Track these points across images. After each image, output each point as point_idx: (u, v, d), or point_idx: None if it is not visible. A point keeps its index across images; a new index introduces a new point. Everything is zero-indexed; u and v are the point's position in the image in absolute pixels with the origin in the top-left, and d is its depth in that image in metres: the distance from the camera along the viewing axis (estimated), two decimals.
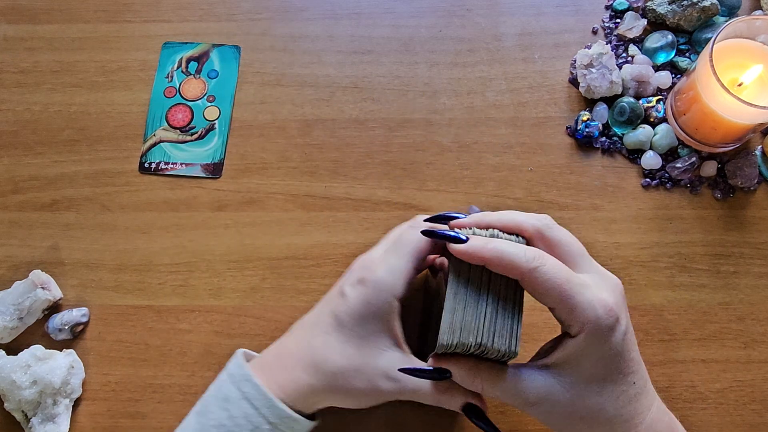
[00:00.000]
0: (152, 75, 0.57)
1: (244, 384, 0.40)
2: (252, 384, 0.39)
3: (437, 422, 0.48)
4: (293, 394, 0.40)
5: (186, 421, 0.41)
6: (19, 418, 0.47)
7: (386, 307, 0.40)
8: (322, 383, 0.40)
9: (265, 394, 0.39)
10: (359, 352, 0.40)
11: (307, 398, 0.41)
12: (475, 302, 0.38)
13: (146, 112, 0.56)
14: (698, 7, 0.54)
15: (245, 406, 0.39)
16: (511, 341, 0.38)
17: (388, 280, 0.40)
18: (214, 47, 0.58)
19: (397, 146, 0.55)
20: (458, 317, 0.38)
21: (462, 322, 0.38)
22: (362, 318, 0.40)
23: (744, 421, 0.48)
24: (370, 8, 0.59)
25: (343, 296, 0.41)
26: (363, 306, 0.40)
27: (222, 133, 0.55)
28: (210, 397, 0.41)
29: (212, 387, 0.42)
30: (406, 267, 0.41)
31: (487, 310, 0.38)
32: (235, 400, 0.39)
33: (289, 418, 0.39)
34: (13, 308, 0.48)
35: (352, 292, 0.40)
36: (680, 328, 0.50)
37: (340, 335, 0.40)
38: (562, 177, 0.54)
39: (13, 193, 0.54)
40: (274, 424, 0.39)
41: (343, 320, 0.40)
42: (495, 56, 0.57)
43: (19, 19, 0.60)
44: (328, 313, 0.41)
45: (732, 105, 0.46)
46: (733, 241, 0.52)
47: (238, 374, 0.40)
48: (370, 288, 0.40)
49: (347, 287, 0.41)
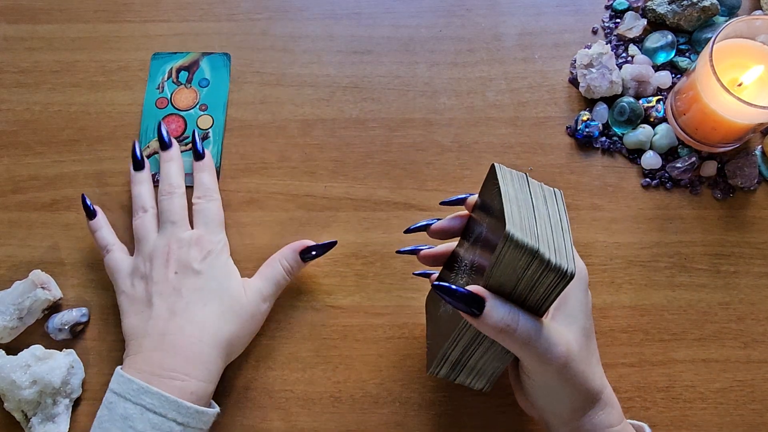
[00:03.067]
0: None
1: (141, 397, 0.41)
2: (151, 393, 0.41)
3: (437, 422, 0.48)
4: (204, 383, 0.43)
5: None
6: (18, 418, 0.47)
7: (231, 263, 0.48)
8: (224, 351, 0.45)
9: (168, 398, 0.41)
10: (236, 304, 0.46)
11: (217, 374, 0.45)
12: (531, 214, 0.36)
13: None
14: (698, 7, 0.54)
15: (150, 417, 0.40)
16: (569, 260, 0.35)
17: (224, 242, 0.49)
18: (203, 56, 0.58)
19: (397, 146, 0.55)
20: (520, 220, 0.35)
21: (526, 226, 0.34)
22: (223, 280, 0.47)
23: (744, 421, 0.48)
24: (370, 8, 0.59)
25: (198, 273, 0.46)
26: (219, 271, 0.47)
27: (216, 141, 0.55)
28: (105, 423, 0.41)
29: (102, 414, 0.42)
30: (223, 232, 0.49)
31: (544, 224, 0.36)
32: (136, 416, 0.40)
33: (196, 413, 0.42)
34: (13, 308, 0.48)
35: (204, 266, 0.46)
36: (680, 328, 0.50)
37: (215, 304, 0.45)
38: (562, 177, 0.54)
39: (13, 193, 0.54)
40: (184, 424, 0.41)
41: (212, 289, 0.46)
42: (495, 56, 0.57)
43: (19, 19, 0.60)
44: (192, 291, 0.45)
45: (732, 105, 0.46)
46: (733, 241, 0.52)
47: (129, 390, 0.41)
48: (214, 255, 0.47)
49: (197, 265, 0.46)
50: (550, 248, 0.35)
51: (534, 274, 0.35)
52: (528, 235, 0.34)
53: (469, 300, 0.36)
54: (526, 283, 0.36)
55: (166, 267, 0.46)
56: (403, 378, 0.49)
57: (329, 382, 0.49)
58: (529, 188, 0.39)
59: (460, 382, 0.44)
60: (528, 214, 0.36)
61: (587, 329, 0.40)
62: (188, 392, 0.42)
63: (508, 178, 0.38)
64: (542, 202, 0.38)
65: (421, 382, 0.49)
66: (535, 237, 0.35)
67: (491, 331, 0.36)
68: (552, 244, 0.35)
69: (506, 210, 0.35)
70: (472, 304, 0.36)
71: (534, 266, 0.35)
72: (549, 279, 0.35)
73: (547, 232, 0.36)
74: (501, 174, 0.39)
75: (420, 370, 0.49)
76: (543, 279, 0.35)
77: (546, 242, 0.35)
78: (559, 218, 0.38)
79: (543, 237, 0.35)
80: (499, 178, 0.38)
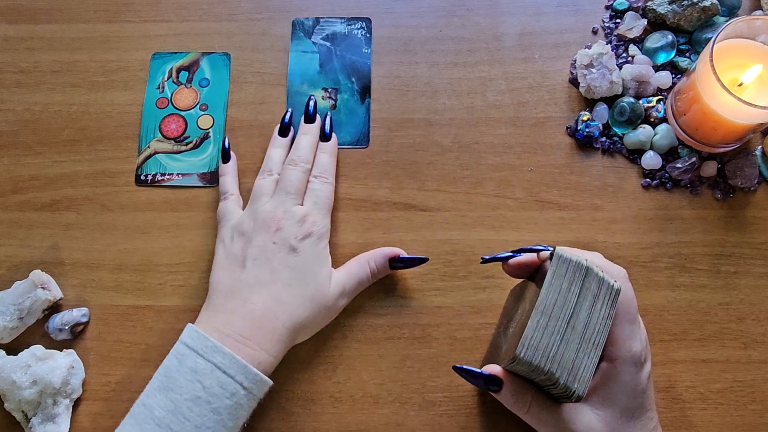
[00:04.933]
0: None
1: (213, 355, 0.42)
2: (224, 354, 0.42)
3: (437, 422, 0.48)
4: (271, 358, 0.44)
5: (152, 399, 0.41)
6: (19, 418, 0.47)
7: (327, 251, 0.49)
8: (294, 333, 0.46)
9: (239, 362, 0.42)
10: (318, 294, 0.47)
11: (282, 352, 0.46)
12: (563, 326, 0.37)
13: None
14: (698, 7, 0.54)
15: (219, 375, 0.41)
16: (581, 383, 0.37)
17: (327, 227, 0.49)
18: (203, 55, 0.58)
19: (397, 146, 0.55)
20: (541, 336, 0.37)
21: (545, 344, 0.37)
22: (314, 265, 0.47)
23: (744, 421, 0.48)
24: (370, 8, 0.59)
25: (294, 251, 0.47)
26: (314, 256, 0.47)
27: (217, 141, 0.55)
28: (174, 373, 0.42)
29: (170, 363, 0.43)
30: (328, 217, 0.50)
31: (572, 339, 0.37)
32: (207, 372, 0.41)
33: (261, 381, 0.43)
34: (13, 308, 0.48)
35: (302, 245, 0.47)
36: (680, 328, 0.50)
37: (299, 288, 0.46)
38: (562, 177, 0.54)
39: (13, 193, 0.54)
40: (248, 389, 0.42)
41: (302, 271, 0.46)
42: (495, 56, 0.57)
43: (19, 19, 0.60)
44: (284, 268, 0.46)
45: (732, 105, 0.46)
46: (733, 241, 0.52)
47: (203, 346, 0.42)
48: (315, 238, 0.48)
49: (295, 242, 0.47)
50: (566, 367, 0.37)
51: (547, 381, 0.37)
52: (541, 353, 0.36)
53: (488, 380, 0.41)
54: (542, 382, 0.38)
55: (266, 233, 0.47)
56: (403, 378, 0.49)
57: (329, 382, 0.49)
58: (581, 286, 0.38)
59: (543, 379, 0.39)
60: (559, 324, 0.37)
61: (630, 410, 0.40)
62: (257, 362, 0.43)
63: (562, 271, 0.38)
64: (588, 305, 0.37)
65: (421, 382, 0.49)
66: (550, 355, 0.37)
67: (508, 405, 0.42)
68: (570, 361, 0.37)
69: (530, 324, 0.37)
70: (491, 384, 0.41)
71: (545, 377, 0.37)
72: (560, 390, 0.37)
73: (572, 346, 0.37)
74: (557, 265, 0.38)
75: (420, 370, 0.49)
76: (554, 389, 0.38)
77: (561, 360, 0.37)
78: (596, 327, 0.37)
79: (562, 354, 0.37)
80: (550, 273, 0.38)
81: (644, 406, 0.40)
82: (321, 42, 0.56)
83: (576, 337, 0.37)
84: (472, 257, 0.51)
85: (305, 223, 0.48)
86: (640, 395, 0.40)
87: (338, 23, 0.57)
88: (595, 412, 0.40)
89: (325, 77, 0.56)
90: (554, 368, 0.36)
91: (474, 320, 0.50)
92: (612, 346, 0.40)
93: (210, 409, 0.41)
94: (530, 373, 0.38)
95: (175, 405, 0.41)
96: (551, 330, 0.37)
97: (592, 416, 0.40)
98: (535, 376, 0.38)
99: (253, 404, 0.43)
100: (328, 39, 0.56)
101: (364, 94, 0.55)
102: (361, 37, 0.56)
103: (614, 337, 0.40)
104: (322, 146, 0.52)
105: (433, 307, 0.50)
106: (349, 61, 0.56)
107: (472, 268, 0.51)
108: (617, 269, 0.41)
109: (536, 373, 0.37)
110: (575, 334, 0.37)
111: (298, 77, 0.56)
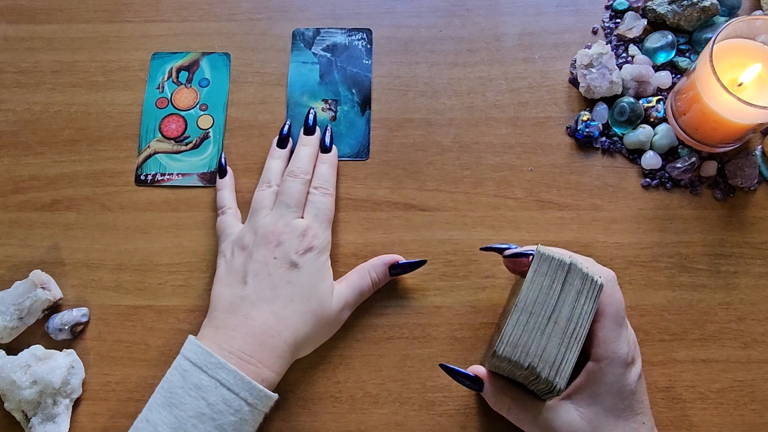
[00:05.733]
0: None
1: (217, 372, 0.42)
2: (227, 370, 0.42)
3: (437, 422, 0.48)
4: (273, 374, 0.44)
5: (155, 415, 0.41)
6: (19, 418, 0.47)
7: (328, 264, 0.48)
8: (296, 349, 0.46)
9: (243, 378, 0.42)
10: (320, 308, 0.46)
11: (285, 368, 0.46)
12: (543, 322, 0.38)
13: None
14: (698, 7, 0.54)
15: (223, 392, 0.41)
16: (562, 377, 0.37)
17: (328, 240, 0.49)
18: (203, 55, 0.58)
19: (397, 146, 0.55)
20: (521, 333, 0.38)
21: (524, 340, 0.38)
22: (316, 280, 0.47)
23: (744, 421, 0.48)
24: (370, 8, 0.59)
25: (295, 266, 0.46)
26: (315, 270, 0.47)
27: (217, 141, 0.55)
28: (178, 389, 0.42)
29: (173, 378, 0.42)
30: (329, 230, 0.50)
31: (554, 333, 0.38)
32: (211, 388, 0.41)
33: (265, 396, 0.43)
34: (13, 308, 0.48)
35: (303, 260, 0.46)
36: (680, 328, 0.50)
37: (301, 303, 0.46)
38: (562, 177, 0.54)
39: (13, 193, 0.54)
40: (253, 405, 0.42)
41: (303, 287, 0.46)
42: (495, 56, 0.57)
43: (19, 19, 0.60)
44: (285, 284, 0.46)
45: (732, 105, 0.46)
46: (733, 241, 0.52)
47: (207, 362, 0.42)
48: (316, 252, 0.47)
49: (296, 257, 0.46)
50: (548, 362, 0.37)
51: (530, 375, 0.38)
52: (521, 349, 0.37)
53: (471, 380, 0.43)
54: (524, 378, 0.39)
55: (267, 247, 0.47)
56: (403, 378, 0.49)
57: (329, 382, 0.49)
58: (564, 282, 0.38)
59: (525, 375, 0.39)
60: (540, 321, 0.38)
61: (617, 410, 0.40)
62: (260, 378, 0.43)
63: (544, 268, 0.39)
64: (571, 300, 0.38)
65: (421, 382, 0.49)
66: (530, 351, 0.37)
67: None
68: (553, 356, 0.38)
69: (509, 322, 0.38)
70: (474, 384, 0.43)
71: (527, 372, 0.38)
72: (541, 385, 0.38)
73: (555, 341, 0.38)
74: (539, 263, 0.39)
75: (420, 370, 0.49)
76: (536, 383, 0.38)
77: (543, 355, 0.37)
78: (579, 322, 0.38)
79: (543, 348, 0.37)
80: (531, 270, 0.38)
81: (633, 409, 0.41)
82: (321, 53, 0.56)
83: (558, 332, 0.38)
84: (472, 257, 0.51)
85: (306, 236, 0.47)
86: (629, 396, 0.40)
87: (339, 34, 0.57)
88: (578, 410, 0.40)
89: (325, 88, 0.56)
90: (535, 363, 0.37)
91: (474, 320, 0.50)
92: (599, 347, 0.40)
93: (214, 426, 0.41)
94: (513, 370, 0.39)
95: (180, 422, 0.40)
96: (531, 327, 0.38)
97: (574, 414, 0.40)
98: (518, 372, 0.39)
99: (258, 419, 0.43)
100: (329, 50, 0.56)
101: (365, 106, 0.55)
102: (362, 48, 0.56)
103: (602, 339, 0.40)
104: (323, 157, 0.52)
105: (433, 306, 0.50)
106: (349, 72, 0.56)
107: (472, 268, 0.51)
108: (606, 271, 0.42)
109: (518, 369, 0.38)
110: (557, 329, 0.38)
111: (298, 88, 0.56)
